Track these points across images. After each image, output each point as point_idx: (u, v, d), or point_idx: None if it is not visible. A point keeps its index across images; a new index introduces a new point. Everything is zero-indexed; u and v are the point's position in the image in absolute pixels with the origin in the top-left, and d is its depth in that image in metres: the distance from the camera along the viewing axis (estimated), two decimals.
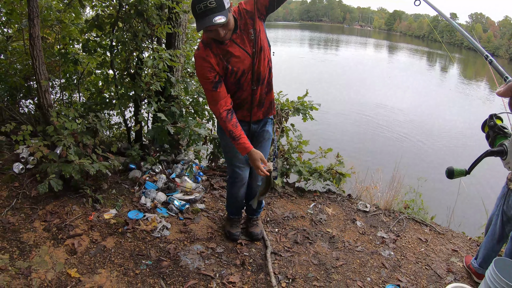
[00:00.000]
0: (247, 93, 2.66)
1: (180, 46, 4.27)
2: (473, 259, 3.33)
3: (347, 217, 3.98)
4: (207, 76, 2.46)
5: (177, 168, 4.18)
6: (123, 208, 3.52)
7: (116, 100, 4.01)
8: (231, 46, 2.48)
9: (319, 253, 3.31)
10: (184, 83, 4.29)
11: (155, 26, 3.96)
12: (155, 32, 4.02)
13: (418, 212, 4.40)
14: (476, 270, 3.24)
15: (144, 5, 3.72)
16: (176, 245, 3.12)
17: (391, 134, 12.58)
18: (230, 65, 2.50)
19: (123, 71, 4.21)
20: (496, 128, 1.96)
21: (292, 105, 4.54)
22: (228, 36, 2.39)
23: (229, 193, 3.22)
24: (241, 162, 2.96)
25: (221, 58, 2.48)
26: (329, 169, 4.48)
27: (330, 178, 4.44)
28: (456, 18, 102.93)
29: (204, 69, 2.46)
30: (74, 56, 4.28)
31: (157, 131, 3.93)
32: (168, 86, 4.13)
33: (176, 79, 4.19)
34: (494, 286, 2.61)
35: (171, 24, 4.05)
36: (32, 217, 3.20)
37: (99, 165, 3.41)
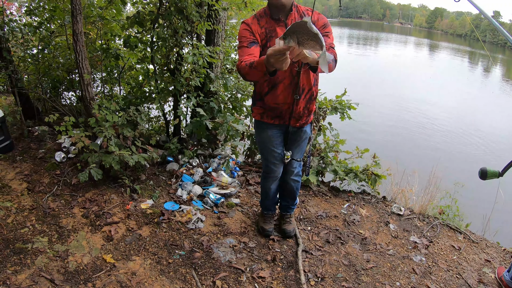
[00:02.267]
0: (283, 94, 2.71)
1: (219, 43, 4.34)
2: (506, 271, 3.23)
3: (381, 220, 3.94)
4: (244, 35, 2.58)
5: (214, 162, 4.26)
6: (160, 199, 3.63)
7: (156, 95, 4.12)
8: (281, 27, 2.61)
9: (350, 254, 3.30)
10: (223, 79, 4.36)
11: (195, 23, 4.03)
12: (195, 29, 4.10)
13: (453, 219, 4.29)
14: (508, 283, 3.13)
15: (184, 3, 3.81)
16: (209, 238, 3.20)
17: (431, 137, 12.26)
18: (270, 43, 2.60)
19: (163, 67, 4.32)
20: None
21: (330, 104, 4.53)
22: (286, 7, 2.57)
23: (263, 187, 3.27)
24: (276, 159, 2.98)
25: (266, 32, 2.61)
26: (365, 170, 4.44)
27: (365, 179, 4.40)
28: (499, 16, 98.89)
29: (244, 31, 2.59)
30: (115, 51, 4.42)
31: (196, 125, 4.02)
32: (208, 82, 4.20)
33: (215, 75, 4.27)
34: None
35: (211, 21, 4.12)
36: (72, 204, 3.36)
37: (138, 157, 3.53)
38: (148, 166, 3.98)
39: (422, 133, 12.58)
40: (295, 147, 2.99)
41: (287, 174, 3.16)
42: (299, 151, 3.06)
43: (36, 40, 4.67)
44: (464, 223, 4.30)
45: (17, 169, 3.78)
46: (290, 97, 2.71)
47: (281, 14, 2.60)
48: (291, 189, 3.26)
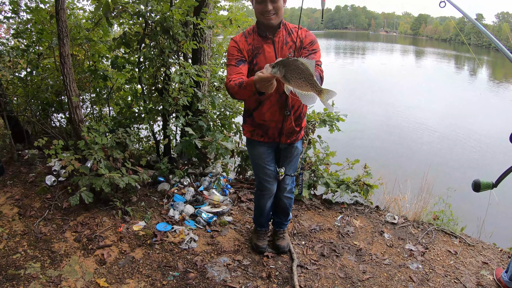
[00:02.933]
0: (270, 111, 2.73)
1: (206, 61, 4.36)
2: (504, 272, 3.24)
3: (375, 229, 3.94)
4: (232, 53, 2.63)
5: (205, 181, 4.25)
6: (152, 220, 3.60)
7: (145, 115, 4.11)
8: (268, 45, 2.65)
9: (345, 266, 3.28)
10: (211, 97, 4.36)
11: (180, 42, 4.05)
12: (181, 48, 4.12)
13: (448, 224, 4.30)
14: (507, 284, 3.14)
15: (170, 22, 3.83)
16: (203, 257, 3.17)
17: (420, 143, 12.35)
18: (256, 59, 2.65)
19: (151, 86, 4.32)
20: None
21: (318, 117, 4.55)
22: (274, 22, 2.58)
23: (257, 205, 3.26)
24: (269, 176, 2.98)
25: (253, 49, 2.65)
26: (357, 181, 4.45)
27: (357, 189, 4.40)
28: (482, 19, 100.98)
29: (232, 49, 2.65)
30: (103, 72, 4.42)
31: (185, 145, 4.02)
32: (195, 100, 4.21)
33: (202, 93, 4.28)
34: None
35: (196, 40, 4.14)
36: (64, 228, 3.33)
37: (129, 179, 3.52)
38: (139, 187, 3.96)
39: (411, 139, 12.68)
40: (287, 163, 3.00)
41: (280, 191, 3.16)
42: (292, 167, 3.07)
43: (24, 62, 4.67)
44: (459, 227, 4.32)
45: (7, 193, 3.75)
46: (278, 114, 2.72)
47: (268, 32, 2.64)
48: (284, 206, 3.25)
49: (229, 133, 4.57)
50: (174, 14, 3.81)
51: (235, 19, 4.62)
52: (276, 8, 2.50)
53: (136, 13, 3.87)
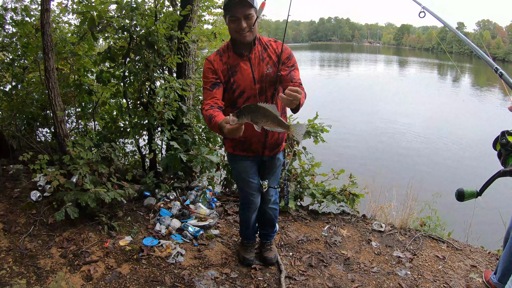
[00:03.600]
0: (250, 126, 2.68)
1: (190, 75, 4.38)
2: (492, 274, 3.27)
3: (362, 238, 3.95)
4: (207, 75, 2.61)
5: (191, 194, 4.24)
6: (138, 235, 3.57)
7: (130, 129, 4.10)
8: (245, 62, 2.63)
9: (334, 275, 3.29)
10: (195, 111, 4.37)
11: (165, 56, 4.07)
12: (165, 62, 4.13)
13: (435, 229, 4.34)
14: (496, 285, 3.17)
15: (154, 37, 3.84)
16: (191, 271, 3.14)
17: (404, 151, 12.52)
18: (233, 78, 2.63)
19: (136, 101, 4.32)
20: (508, 146, 1.86)
21: None
22: (249, 39, 2.55)
23: (242, 218, 3.26)
24: (253, 189, 2.98)
25: (228, 68, 2.62)
26: (343, 191, 4.47)
27: (343, 199, 4.43)
28: (463, 27, 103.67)
29: (207, 70, 2.62)
30: (88, 87, 4.41)
31: (170, 159, 4.01)
32: (180, 114, 4.22)
33: (187, 107, 4.28)
34: None
35: (181, 54, 4.16)
36: (49, 244, 3.28)
37: (114, 193, 3.49)
38: (125, 202, 3.93)
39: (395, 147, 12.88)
40: (270, 175, 3.01)
41: (264, 203, 3.15)
42: (275, 179, 3.08)
43: (9, 76, 4.63)
44: (446, 232, 4.36)
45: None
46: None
47: (244, 49, 2.62)
48: (269, 218, 3.26)
49: (215, 147, 4.57)
50: (159, 28, 3.83)
51: (219, 32, 4.65)
52: (250, 24, 2.48)
53: (121, 27, 3.88)
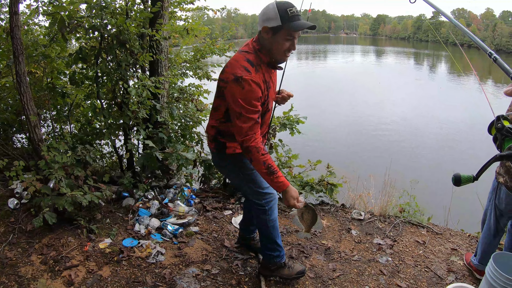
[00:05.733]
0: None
1: (163, 72, 4.34)
2: (473, 256, 3.34)
3: (342, 227, 4.00)
4: (255, 103, 2.27)
5: (170, 193, 4.21)
6: (118, 237, 3.54)
7: (106, 130, 4.06)
8: (272, 79, 2.54)
9: (315, 266, 3.32)
10: (169, 108, 4.35)
11: (137, 54, 4.03)
12: (137, 60, 4.09)
13: (414, 215, 4.41)
14: (477, 267, 3.25)
15: (125, 35, 3.80)
16: (172, 270, 3.13)
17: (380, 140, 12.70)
18: (268, 92, 2.44)
19: (110, 101, 4.27)
20: (504, 130, 1.82)
21: (278, 121, 4.59)
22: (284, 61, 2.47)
23: (272, 223, 2.84)
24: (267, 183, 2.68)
25: (264, 81, 2.38)
26: (321, 181, 4.51)
27: (322, 189, 4.46)
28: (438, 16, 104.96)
29: (256, 93, 2.26)
30: (61, 89, 4.35)
31: (146, 158, 3.98)
32: (154, 113, 4.19)
33: (161, 105, 4.25)
34: (495, 281, 2.61)
35: (153, 52, 4.12)
36: (29, 251, 3.23)
37: (91, 196, 3.45)
38: (103, 204, 3.88)
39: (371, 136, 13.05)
40: None
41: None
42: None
43: None
44: (426, 217, 4.44)
45: None
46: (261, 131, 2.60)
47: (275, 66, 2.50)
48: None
49: (191, 143, 4.55)
50: (129, 26, 3.79)
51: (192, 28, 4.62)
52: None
53: (91, 27, 3.81)
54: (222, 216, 4.07)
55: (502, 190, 2.89)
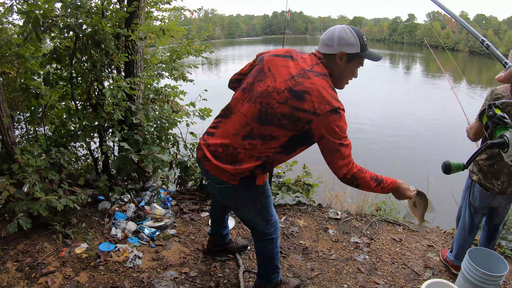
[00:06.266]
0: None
1: (138, 73, 4.28)
2: (449, 252, 3.45)
3: (319, 227, 4.04)
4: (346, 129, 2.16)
5: (146, 195, 4.16)
6: (94, 241, 3.48)
7: (81, 132, 3.99)
8: None
9: (293, 266, 3.35)
10: (144, 110, 4.31)
11: (112, 55, 3.97)
12: (113, 61, 4.03)
13: (390, 213, 4.49)
14: (453, 262, 3.35)
15: (101, 35, 3.74)
16: (149, 274, 3.10)
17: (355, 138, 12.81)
18: None
19: (85, 102, 4.19)
20: (495, 118, 1.76)
21: None
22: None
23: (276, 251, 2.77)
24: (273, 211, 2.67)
25: None
26: (297, 181, 4.53)
27: (298, 190, 4.49)
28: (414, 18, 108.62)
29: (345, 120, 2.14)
30: (35, 90, 4.25)
31: (122, 160, 3.91)
32: (129, 114, 4.14)
33: (136, 107, 4.20)
34: (471, 276, 2.73)
35: (128, 52, 4.07)
36: (4, 258, 3.14)
37: (66, 200, 3.38)
38: (78, 208, 3.81)
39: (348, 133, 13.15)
40: None
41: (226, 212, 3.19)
42: None
43: None
44: (401, 215, 4.51)
45: None
46: None
47: None
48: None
49: (167, 145, 4.51)
50: (105, 26, 3.73)
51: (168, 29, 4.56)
52: None
53: (66, 26, 3.74)
54: (199, 218, 4.05)
55: (476, 187, 3.00)
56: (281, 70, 2.14)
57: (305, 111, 2.01)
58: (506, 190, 2.87)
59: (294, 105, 2.02)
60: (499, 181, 2.86)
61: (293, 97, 2.02)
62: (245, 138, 2.15)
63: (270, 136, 2.12)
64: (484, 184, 2.92)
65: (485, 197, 2.96)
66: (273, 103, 2.07)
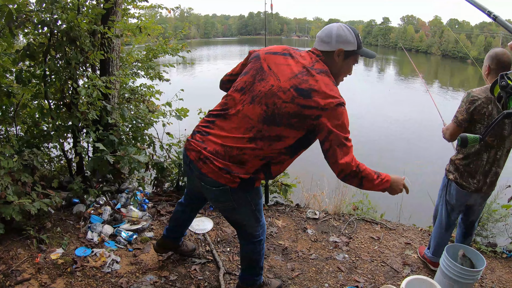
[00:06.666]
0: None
1: (114, 72, 4.17)
2: (426, 249, 3.54)
3: (298, 227, 4.05)
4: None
5: (122, 197, 4.04)
6: (70, 246, 3.35)
7: (54, 132, 3.86)
8: None
9: (273, 266, 3.34)
10: (120, 109, 4.21)
11: (87, 52, 3.85)
12: (88, 59, 3.91)
13: (367, 212, 4.55)
14: (431, 259, 3.44)
15: (76, 32, 3.62)
16: (128, 279, 3.02)
17: None
18: None
19: (58, 101, 4.05)
20: (509, 88, 1.78)
21: None
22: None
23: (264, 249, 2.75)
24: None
25: None
26: (274, 182, 4.53)
27: (276, 190, 4.48)
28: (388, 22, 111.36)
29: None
30: (7, 89, 4.09)
31: (97, 161, 3.79)
32: (105, 114, 4.03)
33: (111, 106, 4.09)
34: (449, 271, 2.82)
35: (104, 50, 3.96)
36: None
37: (40, 204, 3.24)
38: (52, 212, 3.65)
39: None
40: None
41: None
42: None
43: None
44: (379, 214, 4.59)
45: None
46: None
47: None
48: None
49: (143, 146, 4.42)
50: (80, 23, 3.61)
51: (145, 27, 4.46)
52: None
53: (40, 22, 3.60)
54: None
55: (452, 186, 3.09)
56: (283, 68, 2.12)
57: (313, 108, 2.01)
58: (481, 189, 2.98)
59: (301, 103, 2.01)
60: (475, 179, 2.96)
61: (299, 95, 2.02)
62: (252, 140, 2.10)
63: (277, 137, 2.10)
64: (461, 183, 3.01)
65: (461, 195, 3.06)
66: (279, 103, 2.05)
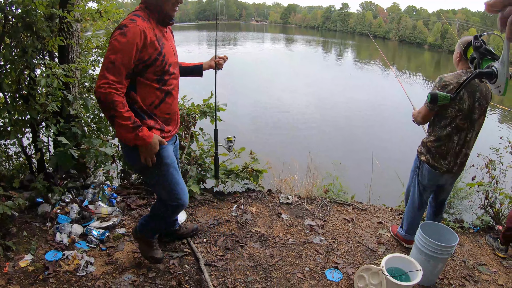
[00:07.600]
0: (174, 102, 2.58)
1: (74, 59, 3.89)
2: (399, 228, 3.66)
3: (272, 213, 4.04)
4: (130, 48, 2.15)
5: (89, 193, 3.79)
6: (39, 251, 3.08)
7: (11, 128, 3.56)
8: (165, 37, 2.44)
9: (252, 254, 3.31)
10: (82, 99, 3.96)
11: (45, 39, 3.56)
12: (46, 46, 3.62)
13: (338, 194, 4.61)
14: (404, 237, 3.56)
15: (33, 17, 3.33)
16: (105, 280, 2.83)
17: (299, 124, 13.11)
18: (164, 50, 2.35)
19: (15, 94, 3.72)
20: (482, 49, 1.71)
21: (198, 109, 4.39)
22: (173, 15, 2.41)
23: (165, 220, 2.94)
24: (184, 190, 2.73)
25: (157, 37, 2.31)
26: (245, 168, 4.47)
27: (247, 176, 4.43)
28: (347, 7, 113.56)
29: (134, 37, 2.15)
30: None
31: (60, 156, 3.52)
32: (66, 105, 3.76)
33: (73, 96, 3.82)
34: (424, 247, 2.95)
35: (63, 36, 3.68)
36: None
37: (3, 207, 2.97)
38: (16, 215, 3.33)
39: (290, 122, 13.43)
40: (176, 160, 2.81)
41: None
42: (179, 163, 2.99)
43: None
44: (350, 195, 4.67)
45: None
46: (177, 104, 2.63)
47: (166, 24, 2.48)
48: None
49: (107, 137, 4.18)
50: (38, 6, 3.32)
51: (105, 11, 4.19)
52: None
53: None
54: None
55: (424, 167, 3.19)
56: None
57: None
58: (452, 169, 3.11)
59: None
60: (446, 161, 3.08)
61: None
62: None
63: None
64: (433, 164, 3.13)
65: (433, 175, 3.17)
66: None
